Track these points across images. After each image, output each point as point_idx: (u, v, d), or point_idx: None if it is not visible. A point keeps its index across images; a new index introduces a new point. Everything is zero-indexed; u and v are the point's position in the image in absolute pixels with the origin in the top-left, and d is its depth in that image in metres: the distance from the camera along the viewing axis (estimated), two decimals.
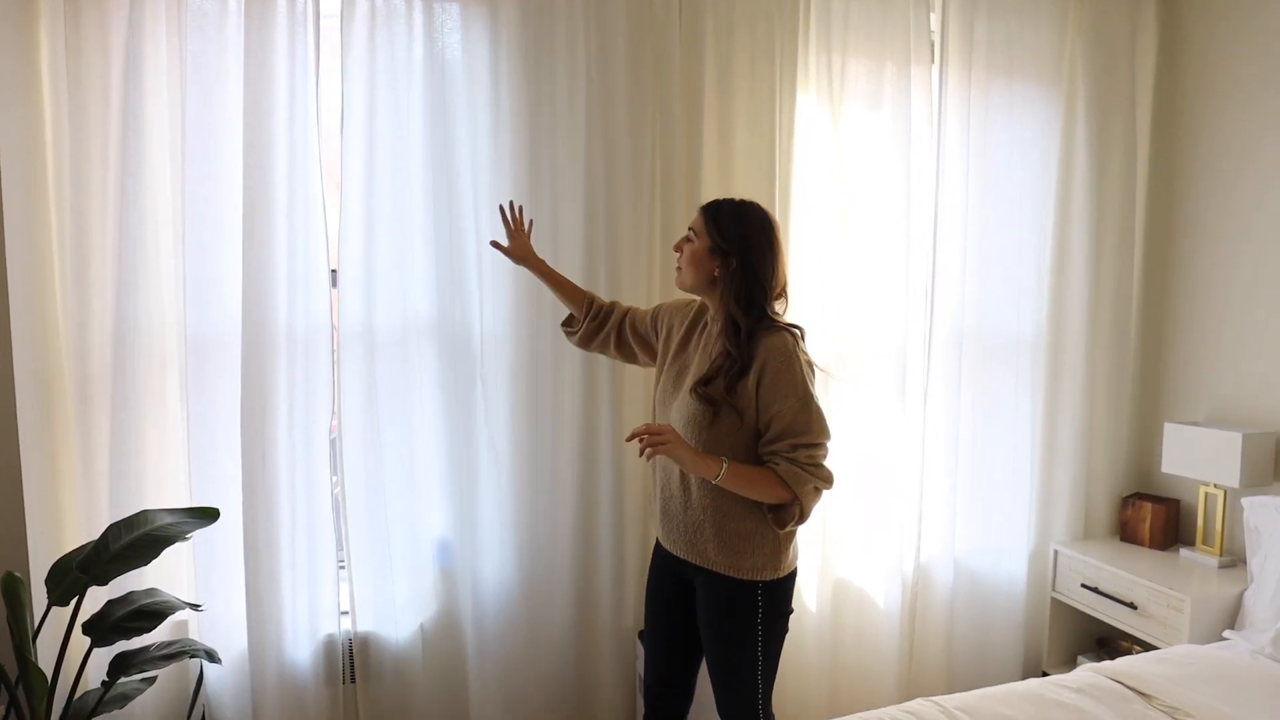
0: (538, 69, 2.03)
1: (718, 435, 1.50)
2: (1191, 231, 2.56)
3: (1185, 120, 2.58)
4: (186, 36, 1.80)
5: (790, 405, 1.47)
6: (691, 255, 1.57)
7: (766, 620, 1.55)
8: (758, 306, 1.52)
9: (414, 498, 2.04)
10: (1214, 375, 2.49)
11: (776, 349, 1.49)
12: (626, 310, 1.80)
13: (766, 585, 1.54)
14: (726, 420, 1.49)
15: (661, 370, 1.68)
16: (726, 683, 1.59)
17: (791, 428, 1.47)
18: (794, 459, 1.46)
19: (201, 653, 1.73)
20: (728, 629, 1.56)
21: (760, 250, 1.53)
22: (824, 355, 2.31)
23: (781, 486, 1.47)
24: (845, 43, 2.27)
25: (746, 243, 1.52)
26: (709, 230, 1.55)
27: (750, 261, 1.52)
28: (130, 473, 1.84)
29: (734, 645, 1.56)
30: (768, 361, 1.48)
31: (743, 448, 1.51)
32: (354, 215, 1.94)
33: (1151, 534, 2.50)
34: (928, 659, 2.49)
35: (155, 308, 1.86)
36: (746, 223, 1.54)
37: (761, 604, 1.54)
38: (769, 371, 1.48)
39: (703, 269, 1.55)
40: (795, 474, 1.46)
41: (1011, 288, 2.49)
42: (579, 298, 1.80)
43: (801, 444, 1.46)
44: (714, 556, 1.54)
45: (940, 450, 2.45)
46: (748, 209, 1.56)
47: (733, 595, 1.54)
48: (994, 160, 2.44)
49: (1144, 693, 1.73)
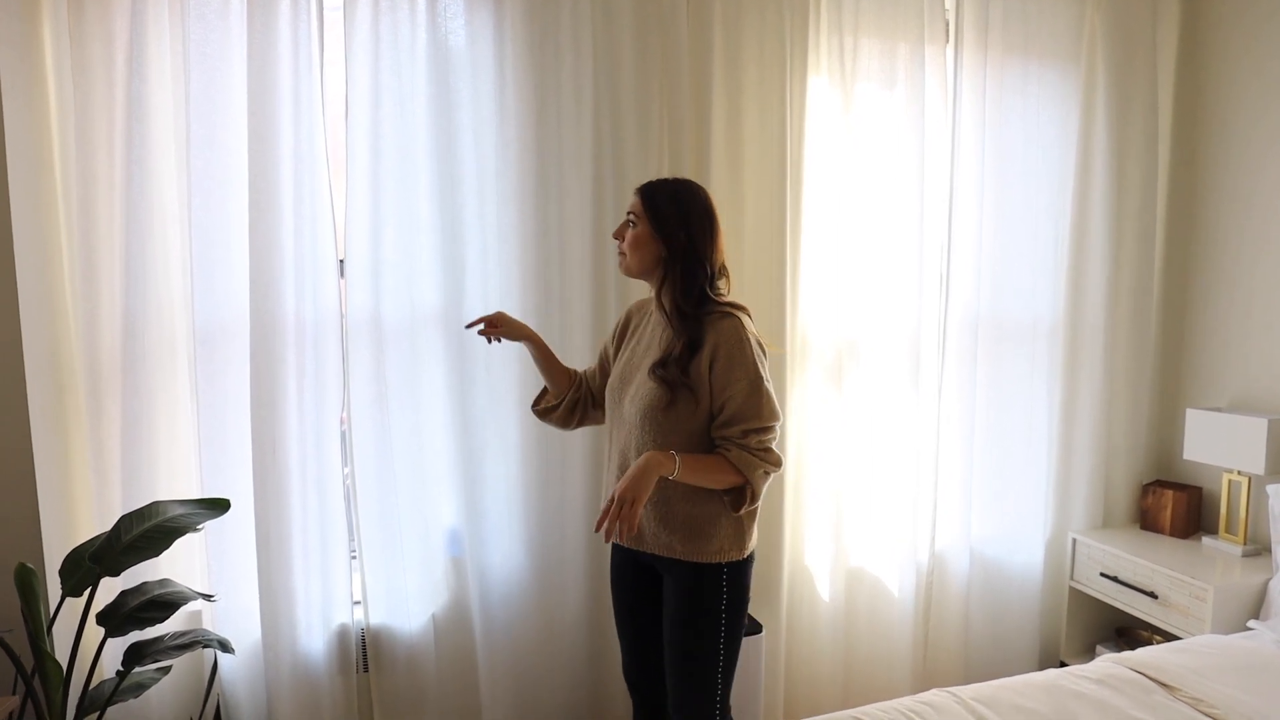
0: (542, 54, 2.00)
1: (675, 419, 1.49)
2: (1215, 214, 2.50)
3: (1209, 99, 2.51)
4: (189, 24, 1.79)
5: (741, 389, 1.46)
6: (635, 240, 1.55)
7: (730, 606, 1.53)
8: (698, 286, 1.51)
9: (424, 488, 2.03)
10: (1238, 360, 2.43)
11: (728, 331, 1.48)
12: (586, 371, 1.78)
13: (731, 567, 1.53)
14: (683, 403, 1.48)
15: (610, 374, 1.66)
16: (685, 675, 1.55)
17: (742, 412, 1.46)
18: (745, 445, 1.46)
19: (215, 643, 1.74)
20: (691, 621, 1.54)
21: (701, 229, 1.52)
22: (836, 341, 2.29)
23: (733, 472, 1.47)
24: (857, 22, 2.22)
25: (688, 222, 1.51)
26: (648, 212, 1.53)
27: (692, 241, 1.51)
28: (142, 464, 1.84)
29: (696, 634, 1.53)
30: (719, 344, 1.47)
31: (699, 431, 1.50)
32: (360, 204, 1.92)
33: (1173, 522, 2.46)
34: (943, 648, 2.46)
35: (164, 298, 1.85)
36: (685, 202, 1.53)
37: (726, 587, 1.53)
38: (721, 355, 1.47)
39: (647, 253, 1.54)
40: (746, 460, 1.46)
41: (1028, 271, 2.45)
42: (566, 374, 1.76)
43: (752, 429, 1.46)
44: (678, 545, 1.52)
45: (955, 437, 2.42)
46: (684, 188, 1.55)
47: (698, 579, 1.52)
48: (1010, 141, 2.39)
49: (1166, 683, 1.69)
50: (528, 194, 2.02)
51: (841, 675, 2.38)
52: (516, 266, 2.03)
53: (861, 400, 2.32)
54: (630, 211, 1.57)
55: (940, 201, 2.36)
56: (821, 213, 2.24)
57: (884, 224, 2.29)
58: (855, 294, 2.29)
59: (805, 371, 2.27)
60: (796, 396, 2.26)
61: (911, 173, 2.28)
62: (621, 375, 1.61)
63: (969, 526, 2.46)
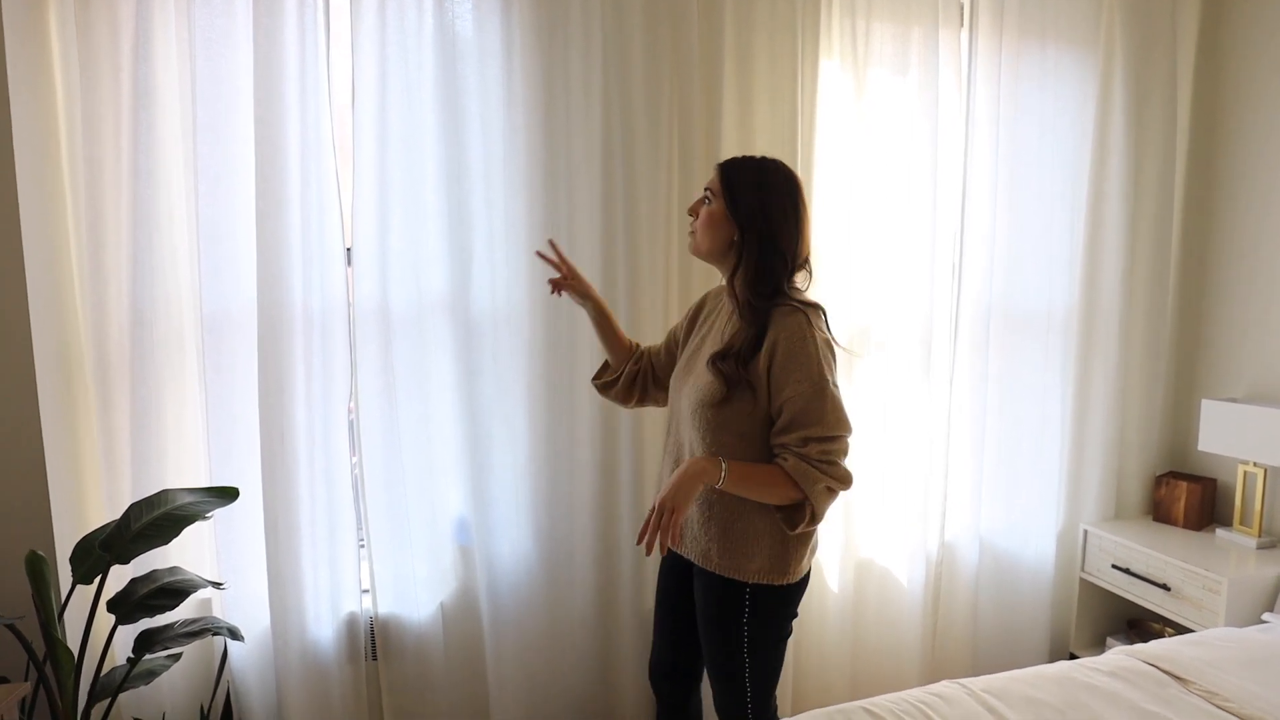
0: (550, 41, 1.98)
1: (729, 416, 1.38)
2: (1233, 205, 2.46)
3: (1229, 91, 2.46)
4: (195, 12, 1.78)
5: (802, 390, 1.32)
6: (709, 218, 1.42)
7: (753, 625, 1.44)
8: (775, 278, 1.39)
9: (432, 476, 2.03)
10: (1255, 350, 2.40)
11: (789, 328, 1.35)
12: (651, 348, 1.72)
13: (757, 589, 1.42)
14: (740, 400, 1.37)
15: (677, 361, 1.59)
16: (719, 682, 1.51)
17: (802, 417, 1.32)
18: (805, 454, 1.32)
19: (224, 630, 1.75)
20: (715, 629, 1.47)
21: (781, 215, 1.38)
22: (848, 330, 2.26)
23: (790, 485, 1.33)
24: (870, 6, 2.19)
25: (768, 206, 1.38)
26: (725, 191, 1.41)
27: (770, 228, 1.38)
28: (151, 452, 1.84)
29: (722, 646, 1.47)
30: (779, 341, 1.34)
31: (755, 435, 1.38)
32: (366, 193, 1.91)
33: (1186, 514, 2.43)
34: (952, 640, 2.45)
35: (172, 287, 1.85)
36: (767, 184, 1.39)
37: (749, 608, 1.42)
38: (780, 352, 1.34)
39: (720, 234, 1.41)
40: (805, 471, 1.31)
41: (1042, 260, 2.42)
42: (625, 345, 1.69)
43: (814, 437, 1.31)
44: (714, 556, 1.43)
45: (966, 427, 2.40)
46: (771, 168, 1.41)
47: (722, 595, 1.44)
48: (1025, 129, 2.35)
49: (1179, 676, 1.68)
50: (536, 182, 2.00)
51: (850, 666, 2.37)
52: (524, 255, 2.01)
53: (872, 389, 2.30)
54: (707, 187, 1.44)
55: (953, 189, 2.33)
56: (832, 200, 2.21)
57: (896, 212, 2.26)
58: (866, 282, 2.26)
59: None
60: None
61: (924, 160, 2.25)
62: (686, 364, 1.53)
63: (979, 517, 2.44)
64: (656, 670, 1.70)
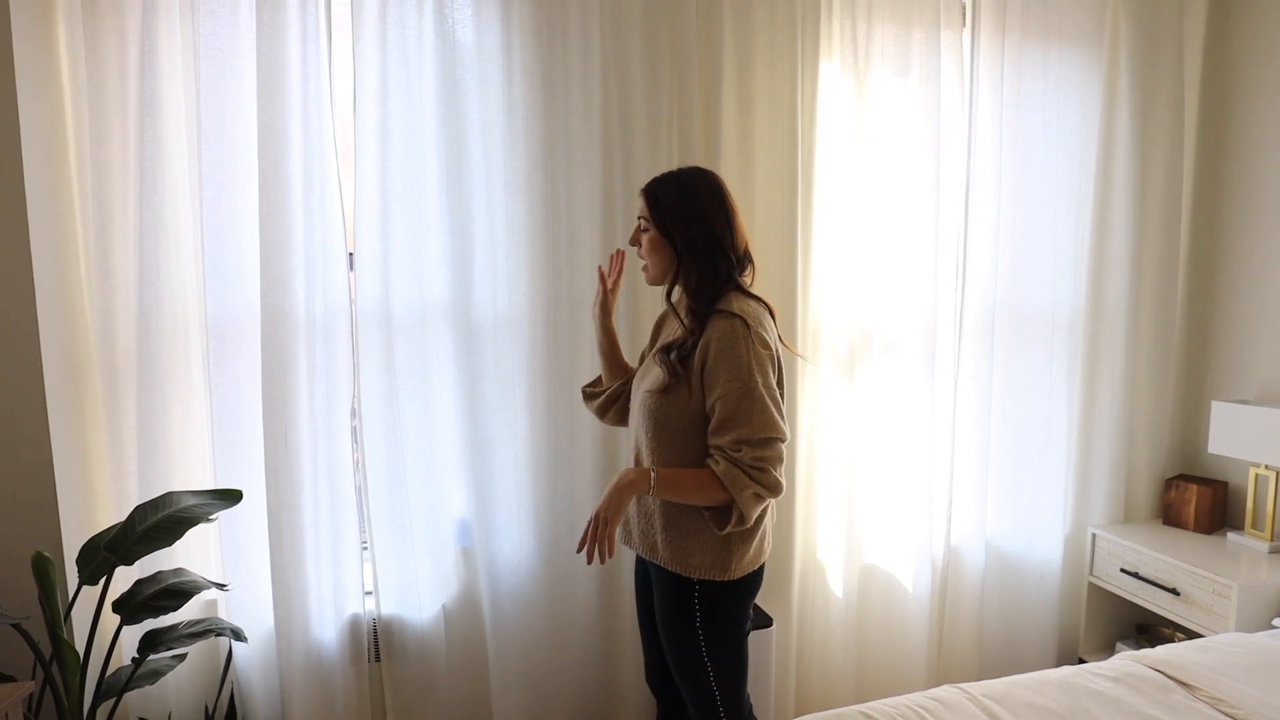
0: (550, 45, 1.99)
1: (671, 412, 1.40)
2: (1242, 206, 2.43)
3: (1238, 84, 2.43)
4: (199, 20, 1.80)
5: (731, 390, 1.34)
6: (651, 245, 1.47)
7: (705, 625, 1.44)
8: (719, 279, 1.42)
9: (434, 479, 2.04)
10: (1266, 352, 2.36)
11: (722, 330, 1.37)
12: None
13: (705, 586, 1.43)
14: (679, 394, 1.39)
15: None
16: (686, 686, 1.50)
17: (732, 418, 1.34)
18: (738, 459, 1.33)
19: (229, 631, 1.76)
20: (671, 632, 1.47)
21: (717, 217, 1.42)
22: (851, 333, 2.25)
23: (719, 488, 1.34)
24: (870, 7, 2.18)
25: (695, 213, 1.42)
26: (654, 214, 1.45)
27: (705, 233, 1.41)
28: (157, 454, 1.87)
29: (678, 646, 1.47)
30: (711, 342, 1.37)
31: (693, 432, 1.40)
32: (369, 197, 1.93)
33: (1197, 517, 2.40)
34: (958, 645, 2.43)
35: (178, 291, 1.87)
36: (688, 192, 1.43)
37: (699, 606, 1.43)
38: (712, 353, 1.36)
39: (664, 256, 1.46)
40: (735, 476, 1.33)
41: (1047, 261, 2.40)
42: (624, 369, 1.73)
43: (745, 440, 1.33)
44: (660, 548, 1.46)
45: (971, 429, 2.38)
46: (687, 175, 1.46)
47: (673, 592, 1.45)
48: (1029, 128, 2.34)
49: (1186, 682, 1.65)
50: (536, 185, 2.01)
51: (854, 671, 2.35)
52: (525, 258, 2.02)
53: (875, 392, 2.28)
54: (640, 215, 1.48)
55: (956, 190, 2.32)
56: (834, 202, 2.21)
57: (898, 213, 2.25)
58: (868, 285, 2.25)
59: (817, 363, 2.24)
60: (808, 388, 2.24)
61: (926, 161, 2.24)
62: (644, 368, 1.57)
63: (985, 520, 2.42)
64: (649, 671, 1.71)
